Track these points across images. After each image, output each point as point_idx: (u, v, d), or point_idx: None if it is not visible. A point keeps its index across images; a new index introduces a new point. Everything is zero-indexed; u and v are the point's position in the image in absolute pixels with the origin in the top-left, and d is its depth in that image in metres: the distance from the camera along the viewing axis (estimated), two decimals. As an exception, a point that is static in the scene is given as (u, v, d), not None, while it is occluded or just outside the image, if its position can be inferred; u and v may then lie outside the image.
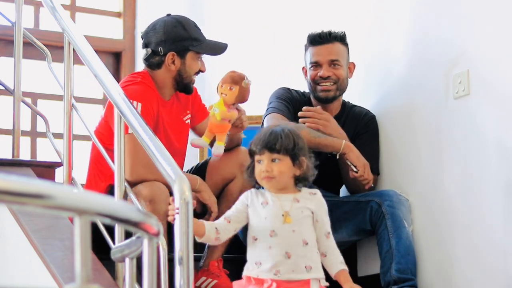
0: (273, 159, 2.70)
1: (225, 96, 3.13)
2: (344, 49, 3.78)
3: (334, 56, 3.73)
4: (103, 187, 3.39)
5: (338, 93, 3.77)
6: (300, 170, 2.73)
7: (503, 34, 3.32)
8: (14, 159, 3.64)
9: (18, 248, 3.22)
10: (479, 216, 3.34)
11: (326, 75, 3.72)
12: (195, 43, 3.45)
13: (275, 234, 2.70)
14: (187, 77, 3.46)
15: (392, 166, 3.77)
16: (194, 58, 3.46)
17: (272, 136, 2.71)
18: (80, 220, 1.40)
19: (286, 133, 2.72)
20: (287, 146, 2.70)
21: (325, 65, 3.73)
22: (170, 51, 3.43)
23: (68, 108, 3.43)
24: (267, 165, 2.70)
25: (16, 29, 3.72)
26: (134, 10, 5.45)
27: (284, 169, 2.70)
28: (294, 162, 2.72)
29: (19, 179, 1.29)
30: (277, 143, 2.69)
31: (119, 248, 2.49)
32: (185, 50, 3.44)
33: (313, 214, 2.73)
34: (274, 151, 2.69)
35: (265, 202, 2.74)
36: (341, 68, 3.74)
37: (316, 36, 3.76)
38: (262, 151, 2.71)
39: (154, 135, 2.83)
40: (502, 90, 3.31)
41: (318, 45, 3.76)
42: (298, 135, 2.77)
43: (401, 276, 3.42)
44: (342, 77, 3.75)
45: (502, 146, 3.28)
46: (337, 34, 3.76)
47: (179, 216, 2.45)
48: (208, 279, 3.37)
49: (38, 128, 5.02)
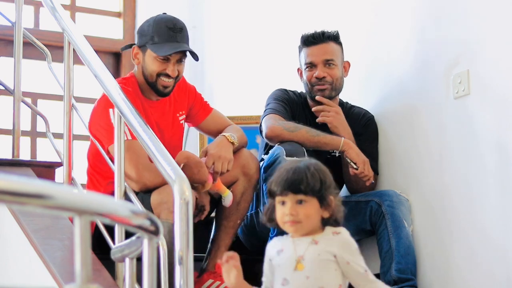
0: (298, 201, 2.36)
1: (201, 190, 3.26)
2: (338, 48, 3.78)
3: (329, 56, 3.73)
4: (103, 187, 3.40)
5: (333, 93, 3.77)
6: (328, 211, 2.39)
7: (503, 34, 3.32)
8: (14, 159, 3.64)
9: (18, 248, 3.22)
10: (479, 216, 3.34)
11: (322, 76, 3.73)
12: (150, 42, 3.37)
13: (287, 282, 2.37)
14: (149, 76, 3.39)
15: (392, 166, 3.77)
16: (153, 57, 3.37)
17: (296, 175, 2.37)
18: (80, 220, 1.40)
19: (312, 172, 2.38)
20: (314, 187, 2.35)
21: (320, 65, 3.73)
22: (136, 45, 3.45)
23: (68, 108, 3.43)
24: (291, 208, 2.35)
25: (16, 29, 3.72)
26: (134, 10, 5.45)
27: (311, 212, 2.36)
28: (322, 203, 2.38)
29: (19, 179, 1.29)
30: (303, 183, 2.35)
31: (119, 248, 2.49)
32: (144, 46, 3.41)
33: (335, 257, 2.35)
34: (299, 192, 2.35)
35: (281, 249, 2.41)
36: (336, 68, 3.74)
37: (310, 37, 3.76)
38: (285, 192, 2.36)
39: (154, 135, 2.83)
40: (502, 90, 3.31)
41: (312, 45, 3.75)
42: (324, 172, 2.42)
43: (401, 276, 3.42)
44: (337, 76, 3.75)
45: (502, 146, 3.28)
46: (330, 34, 3.76)
47: (179, 216, 2.45)
48: (216, 282, 3.35)
49: (38, 128, 5.02)
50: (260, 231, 3.65)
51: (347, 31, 3.88)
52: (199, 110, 3.62)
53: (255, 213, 3.65)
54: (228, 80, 5.04)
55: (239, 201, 3.41)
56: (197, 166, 3.19)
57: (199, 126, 3.65)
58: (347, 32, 3.86)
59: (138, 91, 3.45)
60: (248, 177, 3.36)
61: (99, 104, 3.36)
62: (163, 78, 3.38)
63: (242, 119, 4.32)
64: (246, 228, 3.67)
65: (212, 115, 3.64)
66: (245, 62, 4.86)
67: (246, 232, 3.71)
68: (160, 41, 3.35)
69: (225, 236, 3.42)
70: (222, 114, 3.69)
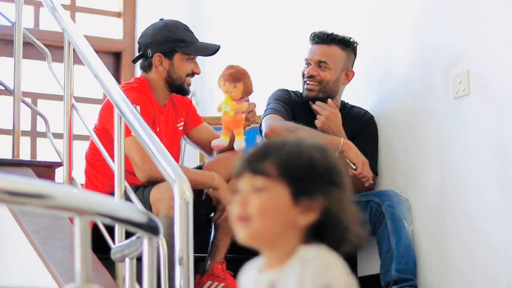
0: (256, 188, 1.49)
1: (231, 93, 3.16)
2: (342, 54, 3.75)
3: (323, 58, 3.73)
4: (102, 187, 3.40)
5: (321, 95, 3.75)
6: (307, 216, 1.49)
7: (503, 34, 3.32)
8: (14, 159, 3.64)
9: (18, 248, 3.22)
10: (479, 216, 3.34)
11: (310, 74, 3.74)
12: (181, 45, 3.49)
13: None
14: (178, 78, 3.51)
15: (392, 166, 3.77)
16: (183, 60, 3.51)
17: (266, 147, 1.53)
18: (80, 220, 1.40)
19: (299, 148, 1.51)
20: (286, 167, 1.48)
21: (313, 64, 3.74)
22: (157, 53, 3.49)
23: (68, 108, 3.43)
24: (242, 196, 1.50)
25: (16, 29, 3.72)
26: (134, 10, 5.44)
27: (270, 206, 1.48)
28: (297, 199, 1.48)
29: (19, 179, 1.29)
30: (268, 157, 1.49)
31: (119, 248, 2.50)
32: (172, 51, 3.49)
33: None
34: (258, 172, 1.49)
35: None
36: (329, 71, 3.73)
37: (315, 35, 3.78)
38: (241, 172, 1.52)
39: (154, 135, 2.83)
40: (502, 90, 3.31)
41: (315, 44, 3.78)
42: (328, 159, 1.53)
43: (401, 276, 3.42)
44: (327, 79, 3.73)
45: (502, 146, 3.28)
46: (337, 37, 3.75)
47: (179, 216, 2.45)
48: (214, 283, 3.36)
49: (38, 128, 5.02)
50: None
51: (346, 31, 3.88)
52: (191, 119, 3.68)
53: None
54: (228, 80, 5.03)
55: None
56: None
57: (188, 134, 3.68)
58: (347, 32, 3.86)
59: (151, 94, 3.51)
60: None
61: (107, 104, 3.38)
62: (190, 77, 3.55)
63: (242, 119, 4.32)
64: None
65: (203, 126, 3.70)
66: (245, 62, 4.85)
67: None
68: (189, 43, 3.50)
69: (224, 237, 3.42)
70: (211, 128, 3.74)
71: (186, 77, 3.52)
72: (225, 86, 3.17)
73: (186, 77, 3.52)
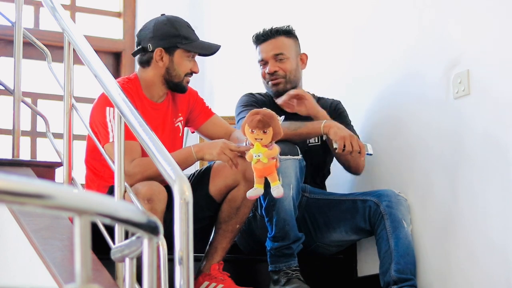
0: None
1: (261, 140, 3.00)
2: (290, 42, 3.80)
3: (277, 50, 3.76)
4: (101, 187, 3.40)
5: (289, 86, 3.77)
6: None
7: (503, 34, 3.32)
8: (14, 159, 3.64)
9: (18, 248, 3.22)
10: (479, 216, 3.34)
11: (272, 71, 3.76)
12: (184, 41, 3.47)
13: None
14: (176, 76, 3.48)
15: (391, 166, 3.77)
16: (183, 57, 3.48)
17: None
18: (80, 220, 1.40)
19: None
20: None
21: (270, 60, 3.77)
22: (158, 47, 3.46)
23: (68, 108, 3.43)
24: None
25: (16, 29, 3.72)
26: (134, 10, 5.45)
27: None
28: None
29: (19, 179, 1.29)
30: None
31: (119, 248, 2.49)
32: (173, 47, 3.47)
33: None
34: None
35: None
36: (288, 61, 3.76)
37: (259, 35, 3.81)
38: None
39: (154, 135, 2.83)
40: (502, 90, 3.31)
41: (262, 42, 3.80)
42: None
43: (400, 276, 3.42)
44: (290, 69, 3.76)
45: (502, 146, 3.28)
46: (279, 28, 3.80)
47: (179, 216, 2.45)
48: (212, 284, 3.35)
49: (38, 128, 5.02)
50: (258, 233, 3.65)
51: (346, 30, 3.88)
52: (199, 114, 3.63)
53: (253, 217, 3.65)
54: (228, 80, 5.04)
55: (239, 206, 3.40)
56: None
57: (199, 130, 3.66)
58: (346, 32, 3.86)
59: (140, 91, 3.48)
60: (249, 183, 3.34)
61: (98, 101, 3.42)
62: (189, 76, 3.51)
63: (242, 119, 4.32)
64: (244, 231, 3.66)
65: (212, 119, 3.65)
66: (245, 62, 4.86)
67: (244, 235, 3.70)
68: (192, 41, 3.48)
69: (223, 239, 3.41)
70: (223, 120, 3.69)
71: (184, 75, 3.49)
72: (253, 134, 3.00)
73: (184, 76, 3.49)
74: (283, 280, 3.40)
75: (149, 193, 3.12)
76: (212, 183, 3.43)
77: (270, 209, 3.43)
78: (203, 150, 3.27)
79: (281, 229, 3.43)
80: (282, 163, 3.34)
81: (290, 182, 3.42)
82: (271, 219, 3.44)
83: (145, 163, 3.21)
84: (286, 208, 3.41)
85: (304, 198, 3.70)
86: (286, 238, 3.44)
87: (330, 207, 3.72)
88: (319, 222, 3.73)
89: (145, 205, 3.08)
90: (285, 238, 3.43)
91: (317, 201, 3.75)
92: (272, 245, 3.45)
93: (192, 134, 3.83)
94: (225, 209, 3.40)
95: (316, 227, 3.74)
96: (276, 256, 3.45)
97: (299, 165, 3.46)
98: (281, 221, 3.43)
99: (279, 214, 3.42)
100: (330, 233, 3.71)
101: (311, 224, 3.74)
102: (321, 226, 3.73)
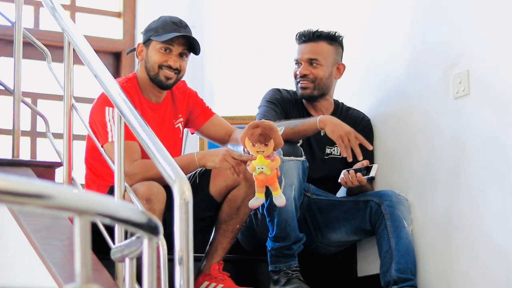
0: None
1: (263, 152, 3.03)
2: (330, 49, 3.77)
3: (313, 55, 3.74)
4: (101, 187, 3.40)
5: (316, 92, 3.76)
6: None
7: (503, 34, 3.32)
8: (14, 159, 3.64)
9: (18, 248, 3.22)
10: (479, 216, 3.34)
11: (303, 73, 3.75)
12: (155, 34, 3.43)
13: None
14: (151, 68, 3.43)
15: (392, 166, 3.77)
16: (155, 49, 3.42)
17: None
18: (80, 220, 1.40)
19: None
20: None
21: (304, 63, 3.75)
22: (140, 43, 3.50)
23: (68, 108, 3.43)
24: None
25: (16, 29, 3.72)
26: (134, 10, 5.44)
27: None
28: None
29: (19, 179, 1.29)
30: None
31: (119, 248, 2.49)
32: (148, 40, 3.46)
33: None
34: None
35: None
36: (321, 68, 3.74)
37: (301, 35, 3.79)
38: None
39: (154, 135, 2.83)
40: (502, 90, 3.31)
41: (303, 43, 3.79)
42: None
43: (401, 276, 3.42)
44: (320, 76, 3.74)
45: (502, 146, 3.28)
46: (322, 33, 3.77)
47: (179, 216, 2.45)
48: (212, 284, 3.35)
49: (38, 128, 5.02)
50: (259, 232, 3.65)
51: (345, 30, 3.88)
52: (199, 114, 3.62)
53: (254, 215, 3.65)
54: (228, 80, 5.04)
55: (240, 206, 3.40)
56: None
57: (199, 130, 3.64)
58: (346, 32, 3.86)
59: (138, 90, 3.47)
60: (249, 183, 3.34)
61: (98, 101, 3.41)
62: (166, 70, 3.41)
63: (242, 119, 4.32)
64: (245, 229, 3.67)
65: (213, 119, 3.62)
66: (245, 62, 4.86)
67: (245, 233, 3.71)
68: (163, 32, 3.41)
69: (224, 239, 3.41)
70: (223, 120, 3.68)
71: (159, 68, 3.41)
72: (255, 147, 3.03)
73: (159, 69, 3.41)
74: (283, 280, 3.40)
75: (147, 193, 3.12)
76: (213, 183, 3.43)
77: (272, 209, 3.43)
78: (205, 157, 3.27)
79: (282, 229, 3.43)
80: (285, 164, 3.35)
81: (293, 183, 3.42)
82: (272, 219, 3.44)
83: (147, 164, 3.20)
84: (287, 209, 3.41)
85: (305, 198, 3.70)
86: (287, 239, 3.44)
87: (331, 207, 3.72)
88: (320, 222, 3.73)
89: (143, 205, 3.08)
90: (286, 238, 3.44)
91: (318, 201, 3.75)
92: (272, 245, 3.45)
93: (191, 135, 3.82)
94: (225, 209, 3.40)
95: (317, 227, 3.74)
96: (276, 257, 3.45)
97: (301, 166, 3.46)
98: (282, 221, 3.43)
99: (281, 214, 3.42)
100: (331, 233, 3.71)
101: (312, 224, 3.74)
102: (322, 226, 3.73)
